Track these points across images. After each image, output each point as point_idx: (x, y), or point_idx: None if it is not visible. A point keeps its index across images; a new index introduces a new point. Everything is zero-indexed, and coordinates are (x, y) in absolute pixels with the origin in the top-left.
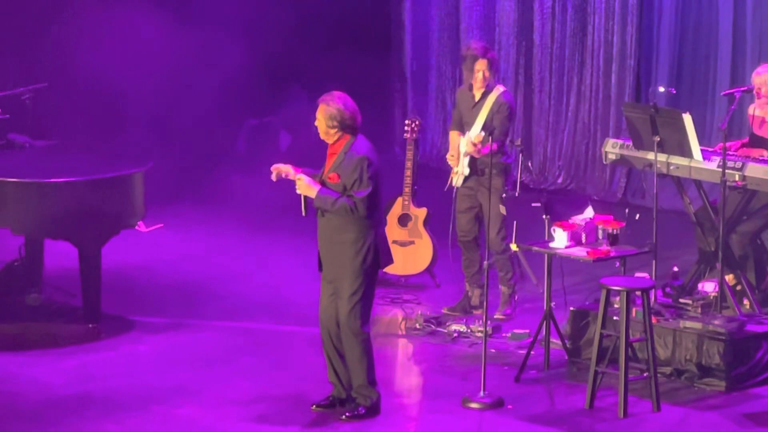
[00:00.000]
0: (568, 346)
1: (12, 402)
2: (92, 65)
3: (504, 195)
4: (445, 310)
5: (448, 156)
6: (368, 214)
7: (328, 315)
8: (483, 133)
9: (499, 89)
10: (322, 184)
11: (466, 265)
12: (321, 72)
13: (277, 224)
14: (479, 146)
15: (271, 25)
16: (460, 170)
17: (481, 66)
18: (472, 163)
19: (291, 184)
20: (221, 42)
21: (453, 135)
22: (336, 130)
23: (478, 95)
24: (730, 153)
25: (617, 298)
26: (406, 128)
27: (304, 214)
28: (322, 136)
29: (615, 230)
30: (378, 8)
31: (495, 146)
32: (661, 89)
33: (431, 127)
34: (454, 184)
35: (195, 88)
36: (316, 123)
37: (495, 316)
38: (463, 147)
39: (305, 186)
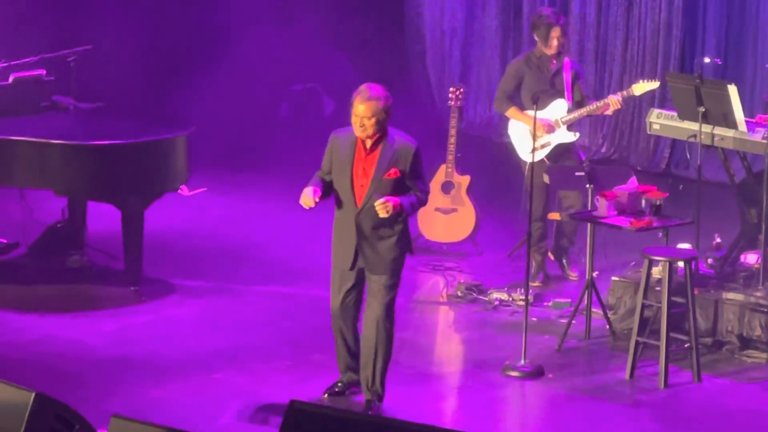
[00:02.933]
0: (609, 315)
1: (53, 364)
2: (136, 28)
3: (585, 163)
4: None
5: (539, 132)
6: None
7: (345, 312)
8: (642, 83)
9: (566, 57)
10: (377, 184)
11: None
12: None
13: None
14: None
15: None
16: (554, 140)
17: (556, 33)
18: (572, 127)
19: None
20: (264, 5)
21: (515, 111)
22: (387, 122)
23: (555, 62)
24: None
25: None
26: (450, 95)
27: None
28: (368, 134)
29: (658, 200)
30: None
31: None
32: (707, 60)
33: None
34: (545, 157)
35: (239, 53)
36: (364, 123)
37: (571, 276)
38: (557, 114)
39: (392, 207)
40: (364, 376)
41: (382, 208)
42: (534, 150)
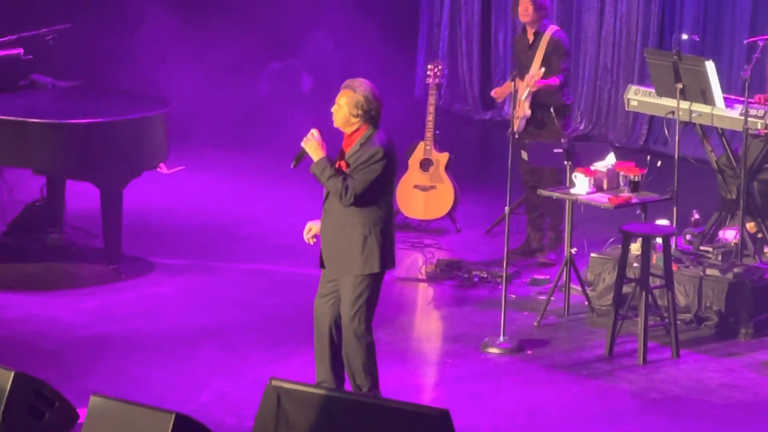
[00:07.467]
0: (588, 292)
1: (33, 342)
2: (112, 4)
3: (563, 140)
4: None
5: (494, 91)
6: (372, 208)
7: (322, 313)
8: (542, 69)
9: (552, 28)
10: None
11: (528, 208)
12: (346, 14)
13: (299, 167)
14: (536, 78)
15: None
16: (521, 114)
17: (524, 1)
18: (533, 103)
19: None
20: None
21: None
22: (359, 120)
23: (532, 37)
24: (753, 101)
25: (637, 245)
26: (428, 73)
27: (293, 166)
28: (340, 125)
29: (636, 177)
30: None
31: (557, 81)
32: (685, 36)
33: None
34: (515, 129)
35: (218, 31)
36: (335, 108)
37: (539, 260)
38: (523, 91)
39: (314, 145)
40: (350, 382)
41: (308, 136)
42: (513, 130)
